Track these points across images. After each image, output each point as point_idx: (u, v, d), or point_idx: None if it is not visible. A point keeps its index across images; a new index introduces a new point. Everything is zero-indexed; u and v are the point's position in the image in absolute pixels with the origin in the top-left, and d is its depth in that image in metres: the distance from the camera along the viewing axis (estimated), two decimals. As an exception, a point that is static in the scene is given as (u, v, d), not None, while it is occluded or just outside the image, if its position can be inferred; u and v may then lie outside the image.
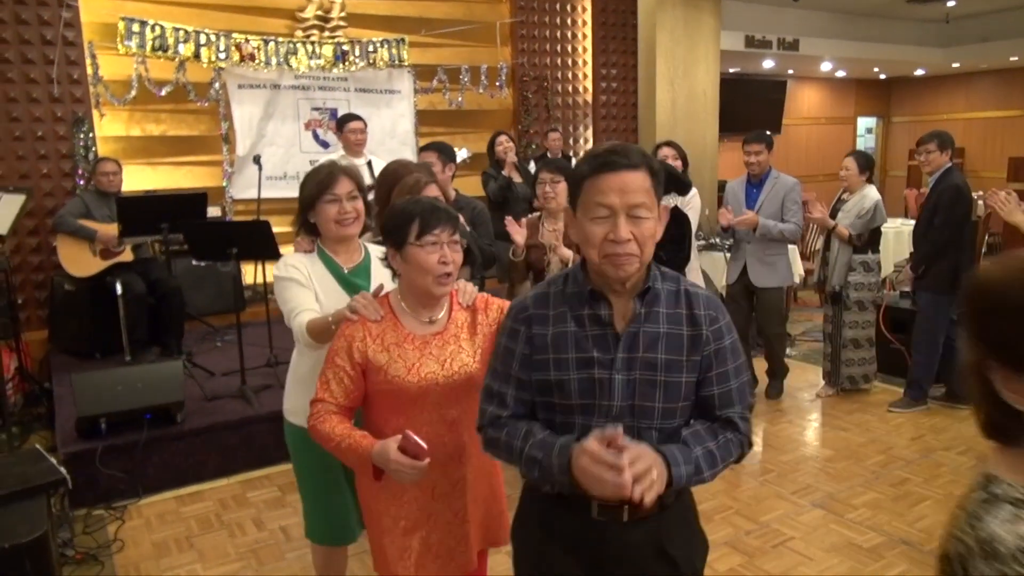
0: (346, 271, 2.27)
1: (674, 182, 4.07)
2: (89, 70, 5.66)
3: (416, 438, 1.65)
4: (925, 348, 4.68)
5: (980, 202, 4.44)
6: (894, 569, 3.04)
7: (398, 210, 1.92)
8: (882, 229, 4.94)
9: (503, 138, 5.74)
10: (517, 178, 5.69)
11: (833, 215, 4.84)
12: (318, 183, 2.23)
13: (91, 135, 5.65)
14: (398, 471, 1.68)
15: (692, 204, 4.17)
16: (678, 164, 4.37)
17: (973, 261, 4.78)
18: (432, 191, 2.60)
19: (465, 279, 2.16)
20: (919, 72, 12.68)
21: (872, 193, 4.71)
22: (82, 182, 5.54)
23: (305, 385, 2.21)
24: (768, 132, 5.07)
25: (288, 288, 2.20)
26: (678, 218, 3.42)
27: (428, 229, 1.83)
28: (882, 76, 13.29)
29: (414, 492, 1.89)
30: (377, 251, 2.26)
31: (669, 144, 4.57)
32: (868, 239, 4.76)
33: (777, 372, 5.06)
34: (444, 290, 1.87)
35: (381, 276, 2.19)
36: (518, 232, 3.49)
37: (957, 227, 4.47)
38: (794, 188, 4.72)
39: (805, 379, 5.39)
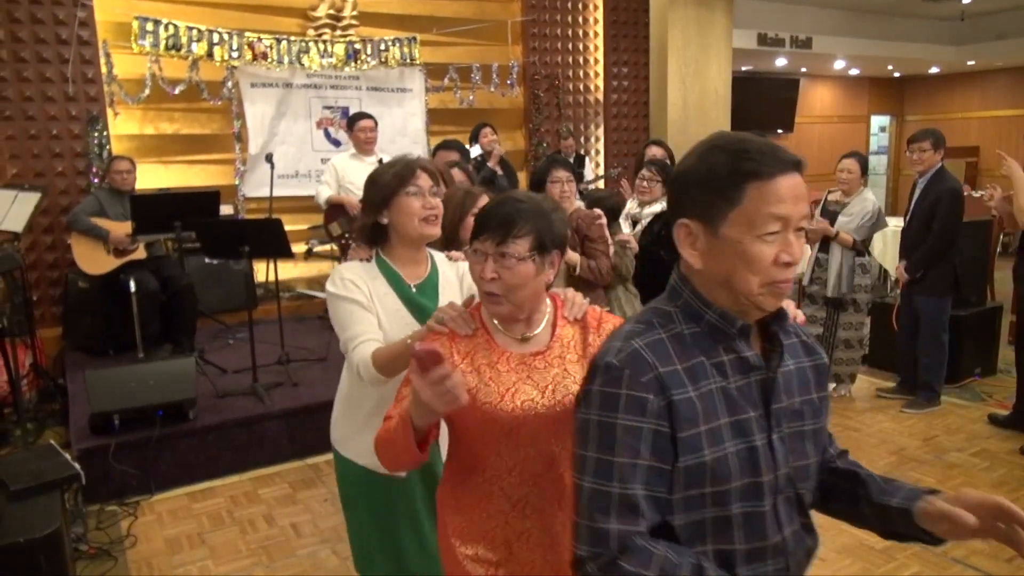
0: (413, 288, 1.96)
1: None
2: (103, 69, 5.70)
3: (423, 345, 1.35)
4: (933, 350, 4.66)
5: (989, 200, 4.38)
6: (907, 570, 3.03)
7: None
8: (895, 228, 4.91)
9: (488, 130, 5.71)
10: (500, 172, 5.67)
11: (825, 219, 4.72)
12: (396, 175, 1.94)
13: (105, 133, 5.69)
14: (426, 391, 1.31)
15: None
16: (666, 160, 4.38)
17: (989, 259, 4.74)
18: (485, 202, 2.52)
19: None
20: (933, 70, 12.58)
21: (871, 196, 4.65)
22: (96, 180, 5.58)
23: (356, 415, 2.02)
24: (771, 131, 5.00)
25: (346, 310, 1.88)
26: (669, 220, 3.45)
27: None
28: (896, 74, 13.19)
29: (503, 535, 1.58)
30: (446, 260, 2.09)
31: (659, 143, 4.54)
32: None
33: None
34: (494, 310, 1.57)
35: (451, 294, 1.98)
36: None
37: (957, 229, 4.50)
38: None
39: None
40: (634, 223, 4.20)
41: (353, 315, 1.88)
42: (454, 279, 2.04)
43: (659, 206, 4.11)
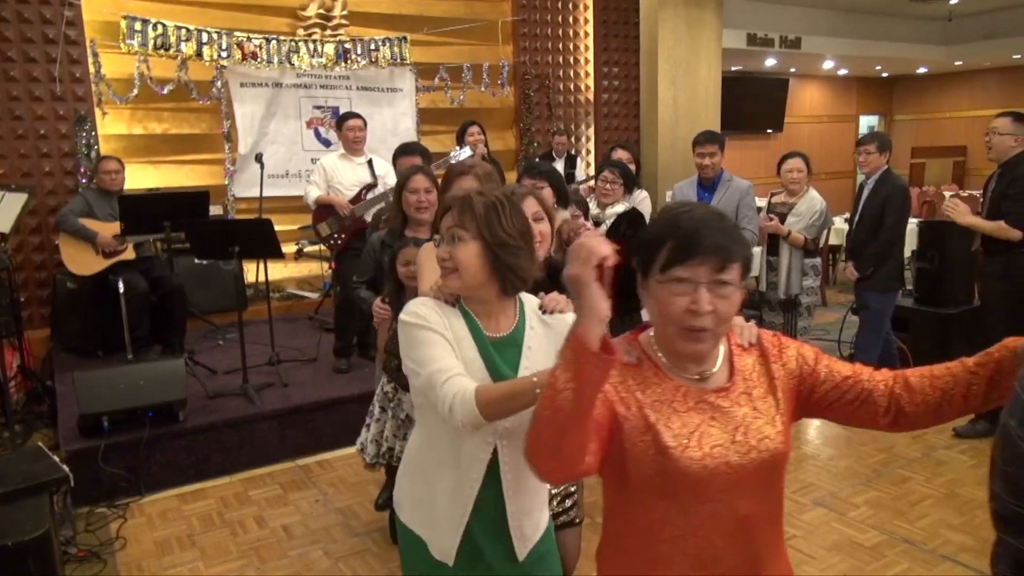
0: (493, 341, 1.69)
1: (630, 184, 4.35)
2: (91, 68, 5.67)
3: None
4: (877, 344, 4.67)
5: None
6: (895, 568, 3.04)
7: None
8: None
9: (475, 129, 5.71)
10: None
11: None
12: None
13: (93, 133, 5.66)
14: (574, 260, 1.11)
15: (643, 207, 4.29)
16: (632, 166, 4.41)
17: (976, 259, 4.76)
18: (531, 206, 2.13)
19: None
20: (921, 70, 12.65)
21: (817, 195, 4.65)
22: (84, 180, 5.55)
23: (421, 475, 1.73)
24: (720, 132, 4.96)
25: (428, 340, 1.61)
26: (635, 219, 3.47)
27: (684, 259, 1.28)
28: (884, 74, 13.26)
29: None
30: (538, 314, 1.76)
31: (624, 147, 4.57)
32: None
33: None
34: (696, 348, 1.31)
35: (539, 355, 1.69)
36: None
37: (903, 227, 4.61)
38: (748, 192, 4.45)
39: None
40: (596, 224, 4.20)
41: (438, 347, 1.61)
42: (543, 336, 1.73)
43: (620, 207, 4.14)
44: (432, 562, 1.70)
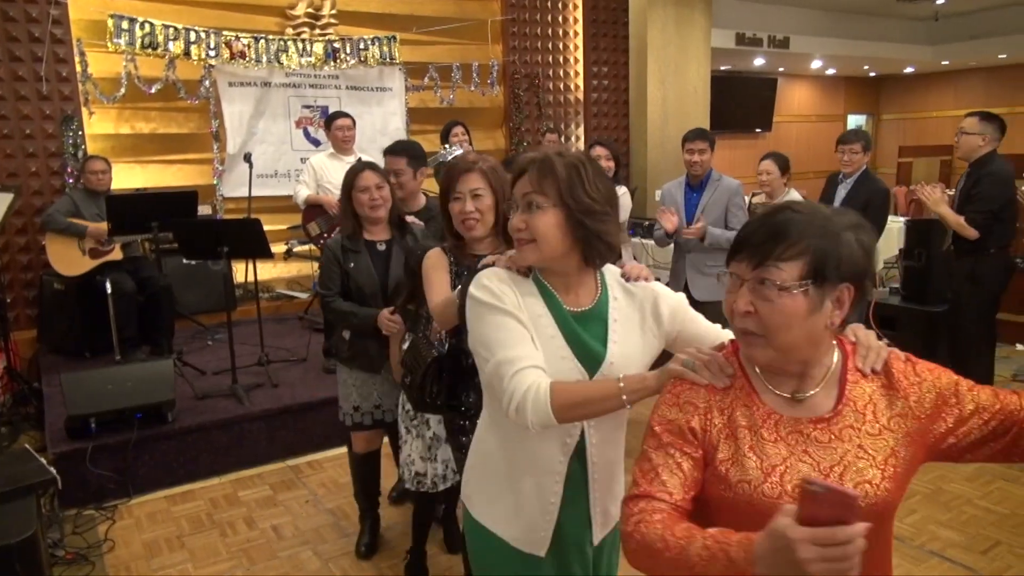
0: (575, 315, 1.53)
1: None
2: (78, 68, 5.62)
3: (829, 484, 0.90)
4: None
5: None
6: (884, 564, 3.06)
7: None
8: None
9: (459, 129, 5.70)
10: None
11: None
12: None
13: (80, 133, 5.62)
14: (813, 555, 0.87)
15: (623, 203, 4.24)
16: (611, 164, 4.30)
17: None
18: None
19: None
20: (908, 70, 12.74)
21: (798, 195, 4.66)
22: (71, 180, 5.51)
23: (492, 472, 1.62)
24: (710, 129, 4.91)
25: (499, 323, 1.46)
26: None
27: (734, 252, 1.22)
28: (872, 74, 13.35)
29: None
30: (622, 284, 1.61)
31: (602, 144, 4.50)
32: None
33: None
34: (748, 353, 1.21)
35: (628, 329, 1.54)
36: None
37: (883, 229, 4.74)
38: (738, 192, 4.30)
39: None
40: None
41: (510, 332, 1.44)
42: (627, 307, 1.57)
43: None
44: (517, 557, 1.59)
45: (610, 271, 1.61)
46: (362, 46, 6.67)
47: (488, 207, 2.11)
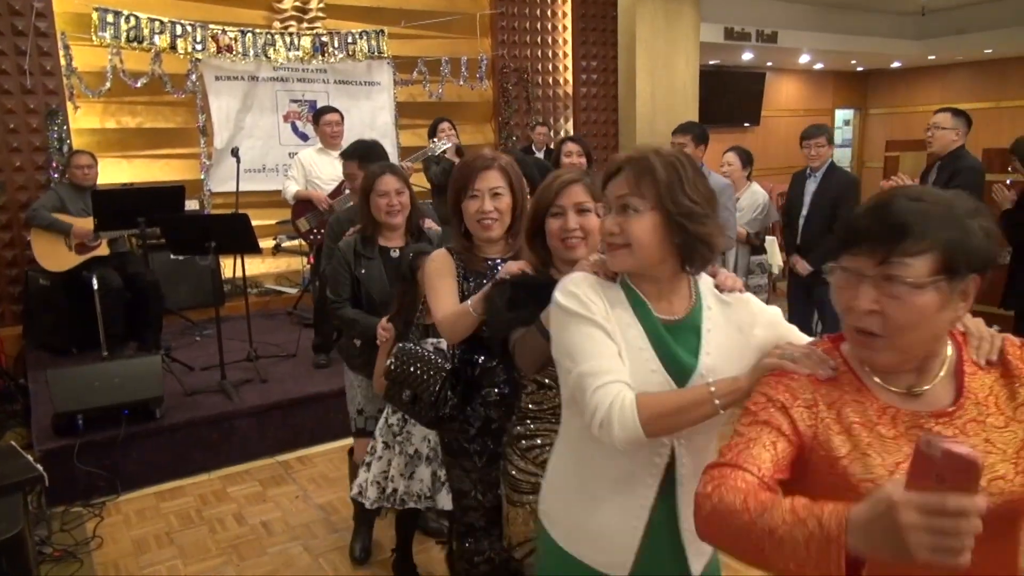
0: (667, 325, 1.42)
1: None
2: (63, 61, 5.57)
3: (949, 447, 0.78)
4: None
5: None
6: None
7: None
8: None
9: (445, 125, 5.70)
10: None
11: None
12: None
13: (65, 127, 5.57)
14: (920, 525, 0.79)
15: None
16: (582, 160, 4.29)
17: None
18: (577, 194, 1.75)
19: None
20: (895, 64, 12.80)
21: (760, 189, 4.69)
22: (56, 175, 5.45)
23: (567, 486, 1.51)
24: (697, 122, 4.90)
25: (583, 331, 1.37)
26: None
27: (848, 244, 1.14)
28: (859, 68, 13.40)
29: None
30: (716, 295, 1.49)
31: (574, 140, 4.49)
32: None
33: None
34: (868, 356, 1.12)
35: (722, 340, 1.43)
36: None
37: None
38: (726, 191, 4.23)
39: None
40: None
41: (596, 343, 1.35)
42: (722, 317, 1.46)
43: None
44: None
45: (704, 279, 1.50)
46: (350, 40, 6.64)
47: (507, 207, 2.02)
